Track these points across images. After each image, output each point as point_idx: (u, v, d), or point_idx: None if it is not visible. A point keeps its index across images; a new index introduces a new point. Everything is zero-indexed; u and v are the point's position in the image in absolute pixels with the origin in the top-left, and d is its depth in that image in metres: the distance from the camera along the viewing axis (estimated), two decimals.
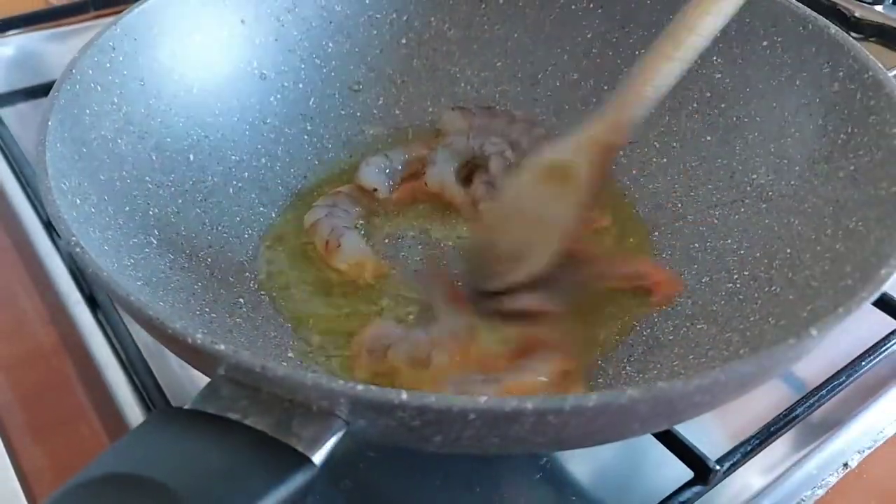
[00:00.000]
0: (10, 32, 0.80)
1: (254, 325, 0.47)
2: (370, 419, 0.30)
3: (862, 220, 0.43)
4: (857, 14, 0.79)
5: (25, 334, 0.54)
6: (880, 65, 0.47)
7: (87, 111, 0.46)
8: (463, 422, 0.29)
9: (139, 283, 0.41)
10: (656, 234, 0.55)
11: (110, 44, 0.49)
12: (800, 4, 0.53)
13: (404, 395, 0.29)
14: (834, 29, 0.50)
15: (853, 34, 0.78)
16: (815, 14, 0.52)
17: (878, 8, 0.81)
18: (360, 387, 0.29)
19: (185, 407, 0.31)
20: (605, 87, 0.62)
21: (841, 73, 0.49)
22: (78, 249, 0.35)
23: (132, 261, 0.43)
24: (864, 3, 0.81)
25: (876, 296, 0.35)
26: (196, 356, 0.32)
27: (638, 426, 0.33)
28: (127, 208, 0.46)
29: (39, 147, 0.40)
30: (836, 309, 0.33)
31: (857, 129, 0.47)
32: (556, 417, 0.29)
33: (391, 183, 0.58)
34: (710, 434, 0.47)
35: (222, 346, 0.30)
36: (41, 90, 0.70)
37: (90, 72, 0.47)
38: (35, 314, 0.56)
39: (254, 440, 0.29)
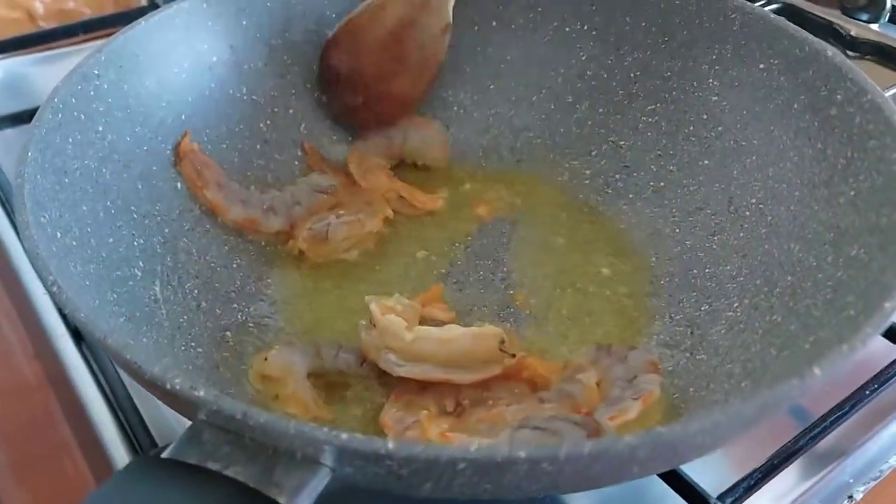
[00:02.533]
0: None
1: (241, 359, 0.46)
2: (357, 467, 0.29)
3: (864, 247, 0.42)
4: (853, 32, 0.79)
5: (10, 368, 0.53)
6: (879, 88, 0.47)
7: (70, 140, 0.45)
8: (453, 471, 0.28)
9: (122, 320, 0.40)
10: (654, 259, 0.54)
11: (95, 71, 0.49)
12: (796, 27, 0.52)
13: (391, 445, 0.28)
14: (831, 51, 0.49)
15: (849, 52, 0.78)
16: (811, 36, 0.51)
17: (874, 26, 0.81)
18: (345, 435, 0.28)
19: (165, 455, 0.30)
20: (601, 111, 0.61)
21: (839, 97, 0.48)
22: (55, 289, 0.34)
23: (115, 295, 0.42)
24: (860, 21, 0.81)
25: (881, 331, 0.33)
26: (176, 401, 0.31)
27: (637, 470, 0.31)
28: (111, 240, 0.45)
29: (18, 179, 0.39)
30: (841, 345, 0.32)
31: (856, 153, 0.46)
32: (550, 465, 0.28)
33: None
34: (711, 465, 0.46)
35: (202, 393, 0.29)
36: (28, 116, 0.69)
37: (73, 100, 0.46)
38: (20, 347, 0.54)
39: (234, 492, 0.28)
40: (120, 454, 0.45)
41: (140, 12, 0.86)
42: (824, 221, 0.46)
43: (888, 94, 0.47)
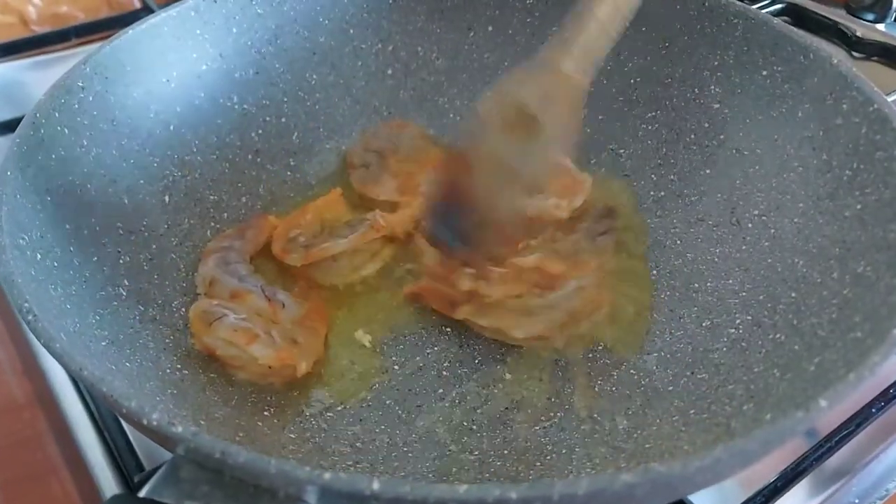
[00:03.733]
0: None
1: (229, 379, 0.45)
2: None
3: (871, 264, 0.41)
4: (858, 33, 0.77)
5: None
6: (885, 97, 0.45)
7: (53, 156, 0.44)
8: None
9: (104, 344, 0.39)
10: (655, 272, 0.53)
11: (79, 83, 0.47)
12: (801, 32, 0.50)
13: (376, 485, 0.26)
14: (837, 59, 0.48)
15: (854, 53, 0.76)
16: (816, 43, 0.49)
17: (881, 26, 0.79)
18: (327, 475, 0.27)
19: (142, 494, 0.28)
20: (600, 118, 0.60)
21: (845, 106, 0.46)
22: (31, 317, 0.33)
23: (98, 317, 0.40)
24: (866, 21, 0.79)
25: (889, 358, 0.32)
26: (154, 435, 0.30)
27: None
28: (95, 258, 0.44)
29: None
30: (848, 374, 0.31)
31: (862, 165, 0.45)
32: None
33: None
34: (715, 487, 0.45)
35: (179, 429, 0.28)
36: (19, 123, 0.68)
37: (56, 114, 0.45)
38: (8, 364, 0.53)
39: None
40: (106, 476, 0.44)
41: (134, 16, 0.85)
42: (829, 236, 0.45)
43: (894, 97, 0.45)
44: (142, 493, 0.28)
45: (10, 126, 0.69)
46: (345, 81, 0.60)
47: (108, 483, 0.44)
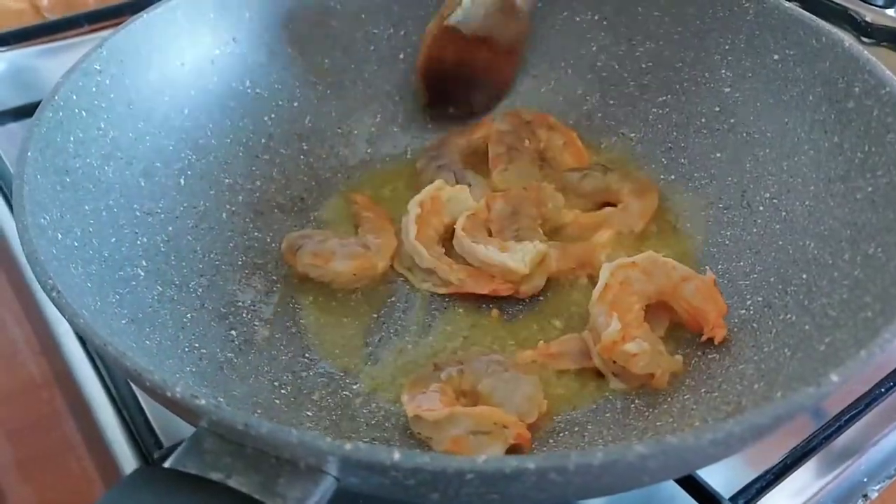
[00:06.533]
0: (2, 48, 0.78)
1: (246, 359, 0.45)
2: (362, 477, 0.29)
3: (881, 245, 0.41)
4: (868, 18, 0.77)
5: (17, 365, 0.53)
6: None
7: (72, 138, 0.45)
8: (460, 481, 0.28)
9: (124, 322, 0.39)
10: (664, 255, 0.53)
11: (96, 66, 0.48)
12: (812, 16, 0.50)
13: (397, 455, 0.27)
14: (848, 42, 0.48)
15: (864, 39, 0.76)
16: (828, 26, 0.49)
17: (890, 12, 0.79)
18: (348, 445, 0.27)
19: (166, 465, 0.29)
20: (612, 102, 0.60)
21: (856, 89, 0.47)
22: (55, 293, 0.33)
23: (118, 297, 0.41)
24: (876, 6, 0.79)
25: None
26: (177, 408, 0.31)
27: (647, 479, 0.31)
28: (113, 239, 0.44)
29: (17, 181, 0.38)
30: (859, 350, 0.31)
31: (874, 147, 0.45)
32: (559, 475, 0.27)
33: None
34: (724, 465, 0.45)
35: (203, 402, 0.29)
36: (33, 109, 0.68)
37: (74, 97, 0.46)
38: (26, 344, 0.54)
39: (235, 503, 0.27)
40: (125, 454, 0.45)
41: (146, 2, 0.86)
42: (840, 218, 0.45)
43: None
44: (166, 465, 0.29)
45: (23, 111, 0.70)
46: (356, 66, 0.61)
47: (127, 460, 0.45)
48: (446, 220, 0.53)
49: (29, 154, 0.40)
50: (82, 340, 0.51)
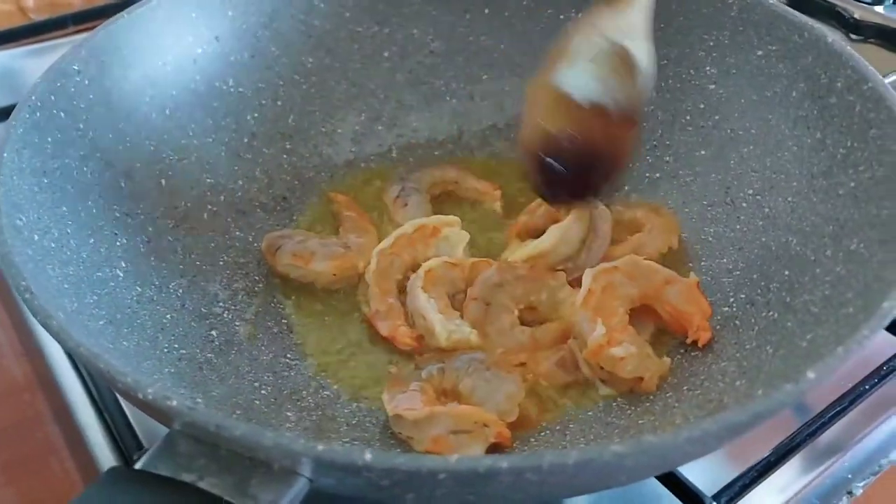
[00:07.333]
0: None
1: (226, 359, 0.45)
2: (336, 478, 0.28)
3: (863, 241, 0.41)
4: (856, 15, 0.77)
5: None
6: (880, 76, 0.45)
7: (50, 139, 0.44)
8: (434, 481, 0.27)
9: (101, 323, 0.39)
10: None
11: (75, 67, 0.47)
12: (795, 12, 0.50)
13: (368, 456, 0.27)
14: (832, 38, 0.48)
15: (853, 36, 0.76)
16: (811, 21, 0.49)
17: (878, 9, 0.79)
18: (321, 447, 0.27)
19: (138, 466, 0.29)
20: None
21: (839, 84, 0.46)
22: (28, 295, 0.33)
23: (95, 297, 0.41)
24: (864, 3, 0.79)
25: (879, 331, 0.32)
26: (150, 410, 0.30)
27: (625, 478, 0.31)
28: (92, 240, 0.44)
29: None
30: (837, 347, 0.31)
31: (856, 143, 0.45)
32: (534, 475, 0.27)
33: None
34: (707, 462, 0.45)
35: (175, 403, 0.28)
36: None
37: (52, 97, 0.45)
38: (8, 346, 0.54)
39: None
40: (105, 455, 0.45)
41: (131, 2, 0.85)
42: (823, 214, 0.45)
43: (891, 79, 0.45)
44: (137, 466, 0.29)
45: (8, 112, 0.69)
46: (341, 65, 0.60)
47: (108, 462, 0.45)
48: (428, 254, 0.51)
49: (5, 155, 0.40)
50: None
